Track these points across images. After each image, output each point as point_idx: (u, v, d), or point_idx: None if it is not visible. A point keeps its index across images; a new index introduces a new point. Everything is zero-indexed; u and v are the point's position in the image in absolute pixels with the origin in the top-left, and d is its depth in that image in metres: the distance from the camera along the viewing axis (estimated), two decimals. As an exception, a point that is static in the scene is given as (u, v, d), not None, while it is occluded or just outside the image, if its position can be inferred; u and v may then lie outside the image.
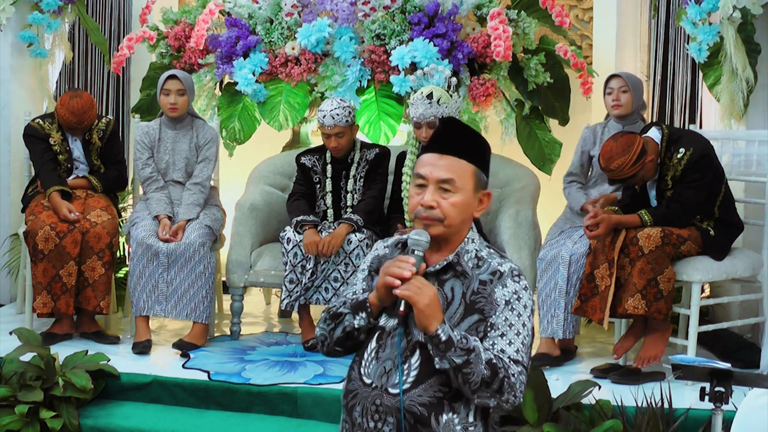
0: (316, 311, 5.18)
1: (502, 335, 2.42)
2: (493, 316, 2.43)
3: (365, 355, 2.51)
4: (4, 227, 5.95)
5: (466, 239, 2.52)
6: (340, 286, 4.94)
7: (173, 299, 5.02)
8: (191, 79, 5.38)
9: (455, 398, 2.43)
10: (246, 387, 4.45)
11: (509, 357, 2.41)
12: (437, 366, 2.39)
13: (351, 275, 4.90)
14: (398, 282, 2.38)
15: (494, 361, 2.38)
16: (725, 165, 4.86)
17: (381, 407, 2.44)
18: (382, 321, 2.50)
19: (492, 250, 2.55)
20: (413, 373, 2.44)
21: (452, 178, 2.45)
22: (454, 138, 2.50)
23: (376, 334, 2.50)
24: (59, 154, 5.26)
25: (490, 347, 2.41)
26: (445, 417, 2.42)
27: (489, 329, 2.43)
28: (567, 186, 5.15)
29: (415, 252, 2.44)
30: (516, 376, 2.40)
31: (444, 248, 2.51)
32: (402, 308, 2.39)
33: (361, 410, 2.48)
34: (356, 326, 2.50)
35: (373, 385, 2.46)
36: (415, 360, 2.44)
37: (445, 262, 2.49)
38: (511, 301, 2.45)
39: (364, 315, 2.49)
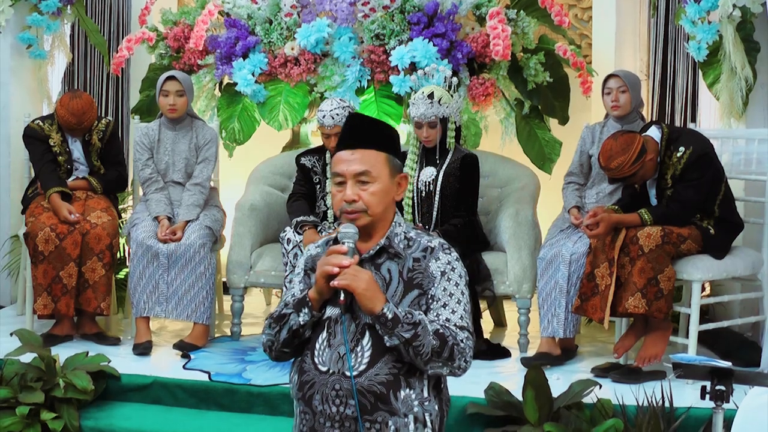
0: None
1: (444, 305, 2.55)
2: (432, 288, 2.56)
3: (317, 345, 2.59)
4: (4, 229, 5.94)
5: (393, 223, 2.64)
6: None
7: (174, 300, 5.01)
8: (190, 80, 5.38)
9: (410, 373, 2.54)
10: (246, 387, 4.45)
11: (455, 324, 2.54)
12: (387, 344, 2.50)
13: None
14: (336, 270, 2.49)
15: (441, 330, 2.51)
16: (725, 164, 4.86)
17: (341, 391, 2.53)
18: (328, 312, 2.59)
19: (419, 231, 2.67)
20: (367, 354, 2.54)
21: (367, 169, 2.57)
22: (361, 131, 2.62)
23: (326, 324, 2.59)
24: (59, 155, 5.26)
25: (435, 318, 2.54)
26: (403, 393, 2.53)
27: (430, 301, 2.56)
28: (565, 186, 5.16)
29: (346, 243, 2.54)
30: (464, 341, 2.53)
31: (374, 235, 2.62)
32: (342, 297, 2.49)
33: (320, 398, 2.56)
34: (301, 323, 2.59)
35: (330, 371, 2.55)
36: (366, 342, 2.54)
37: (377, 247, 2.60)
38: (446, 271, 2.57)
39: (306, 311, 2.58)
